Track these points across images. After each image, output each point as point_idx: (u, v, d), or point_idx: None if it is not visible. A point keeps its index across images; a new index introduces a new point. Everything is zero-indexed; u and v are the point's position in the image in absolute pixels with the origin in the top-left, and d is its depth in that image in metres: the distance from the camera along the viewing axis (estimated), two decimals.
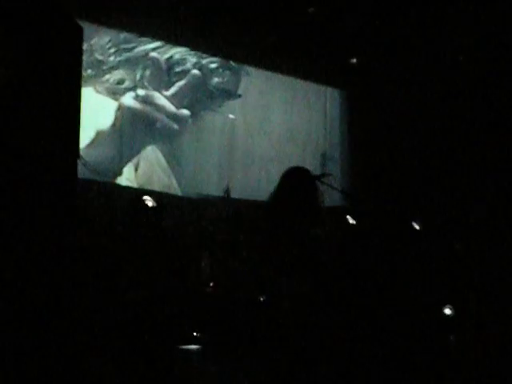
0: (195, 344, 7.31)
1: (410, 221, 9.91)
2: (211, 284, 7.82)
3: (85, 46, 6.65)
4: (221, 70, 9.95)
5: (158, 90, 9.24)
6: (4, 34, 3.71)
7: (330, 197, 6.76)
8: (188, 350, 7.08)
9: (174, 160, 9.35)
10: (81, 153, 4.78)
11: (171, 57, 9.46)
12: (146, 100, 9.09)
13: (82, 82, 4.53)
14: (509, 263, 7.38)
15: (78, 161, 4.30)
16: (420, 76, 10.35)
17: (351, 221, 9.04)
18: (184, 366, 6.05)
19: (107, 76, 8.80)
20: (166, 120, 9.28)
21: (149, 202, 6.58)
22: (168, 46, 9.45)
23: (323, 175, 5.90)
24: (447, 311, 9.31)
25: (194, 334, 7.38)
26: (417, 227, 9.95)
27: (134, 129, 8.98)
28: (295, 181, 5.64)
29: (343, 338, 5.14)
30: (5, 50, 3.67)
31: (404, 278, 9.40)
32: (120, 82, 8.91)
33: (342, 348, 5.04)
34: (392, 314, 6.80)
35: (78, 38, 4.32)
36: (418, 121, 10.44)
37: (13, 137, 3.61)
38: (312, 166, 9.69)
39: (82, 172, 5.62)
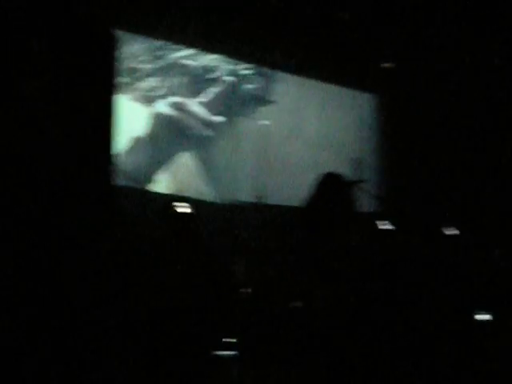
0: (230, 350, 7.32)
1: (446, 226, 9.83)
2: (245, 290, 7.82)
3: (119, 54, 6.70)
4: (254, 77, 9.97)
5: (192, 97, 9.29)
6: (42, 44, 3.76)
7: (364, 202, 6.74)
8: (223, 356, 7.09)
9: (208, 166, 9.38)
10: (116, 160, 4.81)
11: (204, 64, 9.50)
12: (179, 107, 9.14)
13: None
14: None
15: (113, 168, 4.32)
16: (455, 80, 10.29)
17: (384, 226, 9.00)
18: (219, 373, 6.05)
19: (141, 84, 8.86)
20: (200, 127, 9.31)
21: (183, 208, 6.59)
22: (201, 53, 9.50)
23: (358, 181, 5.90)
24: (479, 317, 9.22)
25: (230, 340, 7.39)
26: (453, 232, 9.88)
27: (168, 136, 9.03)
28: (330, 187, 5.63)
29: (378, 342, 5.11)
30: (43, 59, 3.72)
31: (438, 284, 9.32)
32: (154, 89, 8.97)
33: (378, 352, 5.01)
34: (426, 318, 6.74)
35: (113, 47, 4.36)
36: (454, 125, 10.36)
37: (51, 145, 3.66)
38: (346, 171, 9.65)
39: (117, 179, 5.65)
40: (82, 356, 3.71)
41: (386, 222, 8.79)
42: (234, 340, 7.36)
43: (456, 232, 9.86)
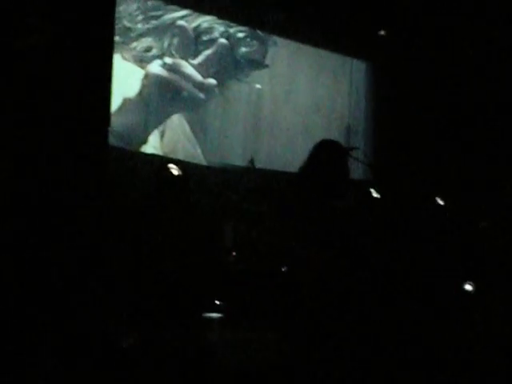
0: (217, 312, 7.40)
1: (434, 195, 9.89)
2: (233, 253, 7.88)
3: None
4: (248, 40, 9.91)
5: (185, 58, 9.23)
6: (38, 2, 3.74)
7: (355, 170, 6.78)
8: (210, 317, 7.17)
9: (199, 129, 9.37)
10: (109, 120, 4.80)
11: (199, 25, 9.43)
12: (172, 68, 9.08)
13: None
14: None
15: (107, 127, 4.33)
16: (447, 49, 10.27)
17: (375, 194, 9.05)
18: (206, 334, 6.12)
19: (135, 43, 8.80)
20: (193, 89, 9.27)
21: (174, 170, 6.60)
22: (196, 14, 9.42)
23: (351, 149, 5.91)
24: (468, 287, 9.33)
25: (217, 302, 7.46)
26: (441, 202, 9.94)
27: (160, 97, 8.99)
28: (327, 154, 5.65)
29: (363, 309, 5.17)
30: (39, 17, 3.70)
31: (426, 252, 9.41)
32: (147, 49, 8.91)
33: (362, 320, 5.07)
34: (412, 287, 6.82)
35: (110, 6, 4.34)
36: (445, 93, 10.37)
37: (46, 102, 3.66)
38: (336, 137, 9.67)
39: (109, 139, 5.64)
40: (81, 307, 3.75)
41: (376, 189, 8.87)
42: (221, 302, 7.44)
43: (442, 202, 9.95)
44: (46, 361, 3.53)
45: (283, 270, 7.63)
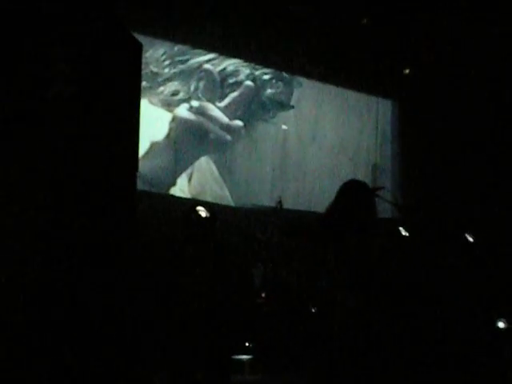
0: (247, 354, 7.37)
1: (464, 233, 9.82)
2: (263, 295, 7.86)
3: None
4: (274, 81, 10.02)
5: (212, 101, 9.35)
6: (68, 50, 3.81)
7: (383, 209, 6.77)
8: (240, 360, 7.14)
9: (226, 170, 9.44)
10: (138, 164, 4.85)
11: (225, 68, 9.56)
12: (199, 111, 9.19)
13: None
14: None
15: (136, 172, 4.38)
16: (473, 87, 10.27)
17: (404, 232, 9.00)
18: (236, 376, 6.09)
19: (162, 88, 8.93)
20: (220, 131, 9.36)
21: (202, 212, 6.64)
22: (221, 57, 9.57)
23: (378, 188, 5.92)
24: (501, 324, 9.21)
25: (247, 344, 7.44)
26: (470, 239, 9.86)
27: (187, 140, 9.09)
28: (354, 194, 5.66)
29: (395, 351, 5.12)
30: (68, 65, 3.77)
31: (457, 291, 9.31)
32: (174, 93, 9.04)
33: (394, 362, 5.02)
34: (446, 326, 6.74)
35: (137, 53, 4.41)
36: (471, 133, 10.34)
37: (76, 149, 3.71)
38: (363, 177, 9.68)
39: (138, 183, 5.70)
40: (111, 347, 3.76)
41: (405, 228, 8.82)
42: (251, 344, 7.42)
43: (472, 239, 9.86)
44: None
45: (313, 311, 7.61)
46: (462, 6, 9.00)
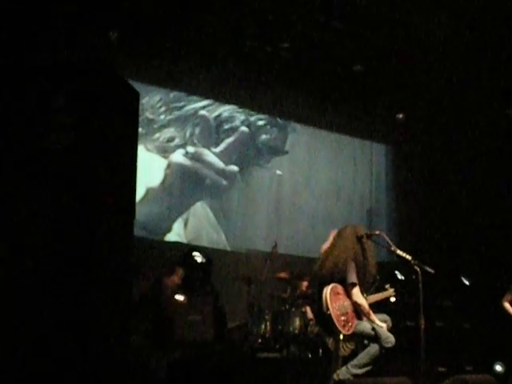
0: None
1: (460, 276, 9.83)
2: (259, 340, 7.83)
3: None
4: (268, 127, 10.11)
5: (207, 147, 9.42)
6: (66, 99, 3.87)
7: (379, 253, 6.80)
8: None
9: (222, 215, 9.46)
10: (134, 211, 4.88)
11: (220, 114, 9.65)
12: (195, 157, 9.26)
13: None
14: None
15: (133, 219, 4.40)
16: (466, 130, 10.37)
17: (400, 276, 9.02)
18: None
19: (157, 134, 9.01)
20: (215, 176, 9.41)
21: (198, 257, 6.67)
22: (216, 104, 9.66)
23: (373, 234, 5.97)
24: (498, 368, 9.18)
25: None
26: (466, 282, 9.88)
27: (183, 185, 9.14)
28: (349, 239, 5.71)
29: None
30: (67, 115, 3.83)
31: (451, 333, 9.28)
32: (170, 139, 9.11)
33: None
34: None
35: (134, 102, 4.47)
36: (466, 175, 10.42)
37: (75, 197, 3.74)
38: (358, 222, 9.72)
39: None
40: None
41: (400, 272, 8.84)
42: None
43: (468, 282, 9.88)
44: None
45: (310, 356, 7.58)
46: (455, 53, 9.13)
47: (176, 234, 8.94)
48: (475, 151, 10.32)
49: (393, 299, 6.36)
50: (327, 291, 5.48)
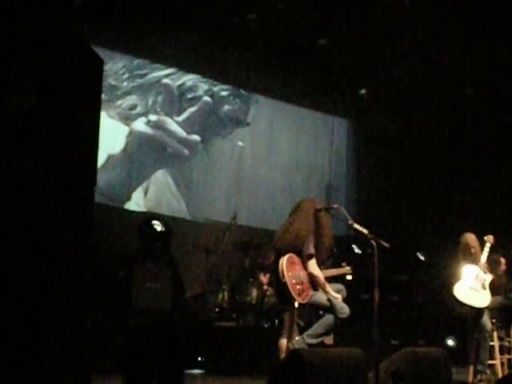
0: (199, 369, 7.41)
1: (415, 252, 10.02)
2: (216, 309, 7.92)
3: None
4: (231, 98, 10.10)
5: (170, 115, 9.39)
6: (28, 64, 3.85)
7: (336, 226, 6.89)
8: (192, 374, 7.18)
9: (183, 184, 9.47)
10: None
11: (183, 83, 9.61)
12: (157, 125, 9.23)
13: None
14: None
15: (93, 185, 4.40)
16: (427, 105, 10.49)
17: (357, 250, 9.16)
18: None
19: (120, 101, 8.95)
20: (177, 145, 9.40)
21: (157, 226, 6.67)
22: (180, 72, 9.62)
23: (331, 207, 6.05)
24: (450, 342, 9.41)
25: (199, 358, 7.48)
26: (422, 258, 10.06)
27: (144, 153, 9.11)
28: (308, 212, 5.77)
29: None
30: (28, 79, 3.81)
31: (406, 307, 9.47)
32: (132, 107, 9.06)
33: None
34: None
35: (98, 68, 4.45)
36: (425, 152, 10.56)
37: (36, 161, 3.74)
38: (317, 195, 9.82)
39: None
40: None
41: (357, 245, 8.97)
42: (202, 359, 7.46)
43: (423, 257, 10.06)
44: None
45: (266, 326, 7.70)
46: (416, 26, 9.18)
47: (135, 203, 8.93)
48: (436, 127, 10.46)
49: (349, 277, 6.46)
50: (283, 260, 5.55)
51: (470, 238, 7.08)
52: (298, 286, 5.57)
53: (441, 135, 10.44)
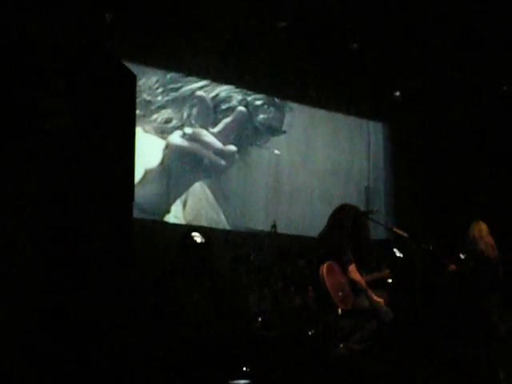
0: (245, 379, 7.39)
1: (457, 253, 9.88)
2: (259, 319, 7.90)
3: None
4: (266, 107, 10.11)
5: (205, 127, 9.41)
6: (61, 83, 3.90)
7: (376, 231, 6.85)
8: None
9: (221, 195, 9.48)
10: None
11: (217, 95, 9.65)
12: (193, 138, 9.26)
13: None
14: None
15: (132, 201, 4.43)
16: (464, 108, 10.39)
17: (398, 254, 9.08)
18: None
19: (155, 115, 9.01)
20: (214, 156, 9.41)
21: (197, 238, 6.71)
22: (214, 84, 9.65)
23: (370, 212, 6.03)
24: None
25: (244, 368, 7.45)
26: (462, 257, 9.92)
27: (181, 166, 9.15)
28: (347, 218, 5.76)
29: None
30: (66, 99, 3.85)
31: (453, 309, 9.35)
32: (168, 120, 9.11)
33: None
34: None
35: (131, 84, 4.50)
36: (463, 155, 10.45)
37: (73, 181, 3.78)
38: (355, 200, 9.76)
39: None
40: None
41: (399, 249, 8.89)
42: (248, 369, 7.43)
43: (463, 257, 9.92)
44: None
45: (310, 333, 7.66)
46: (452, 30, 9.12)
47: (174, 215, 8.97)
48: (473, 128, 10.35)
49: (390, 280, 6.41)
50: (323, 268, 5.54)
51: None
52: (340, 293, 5.55)
53: (479, 138, 10.32)
